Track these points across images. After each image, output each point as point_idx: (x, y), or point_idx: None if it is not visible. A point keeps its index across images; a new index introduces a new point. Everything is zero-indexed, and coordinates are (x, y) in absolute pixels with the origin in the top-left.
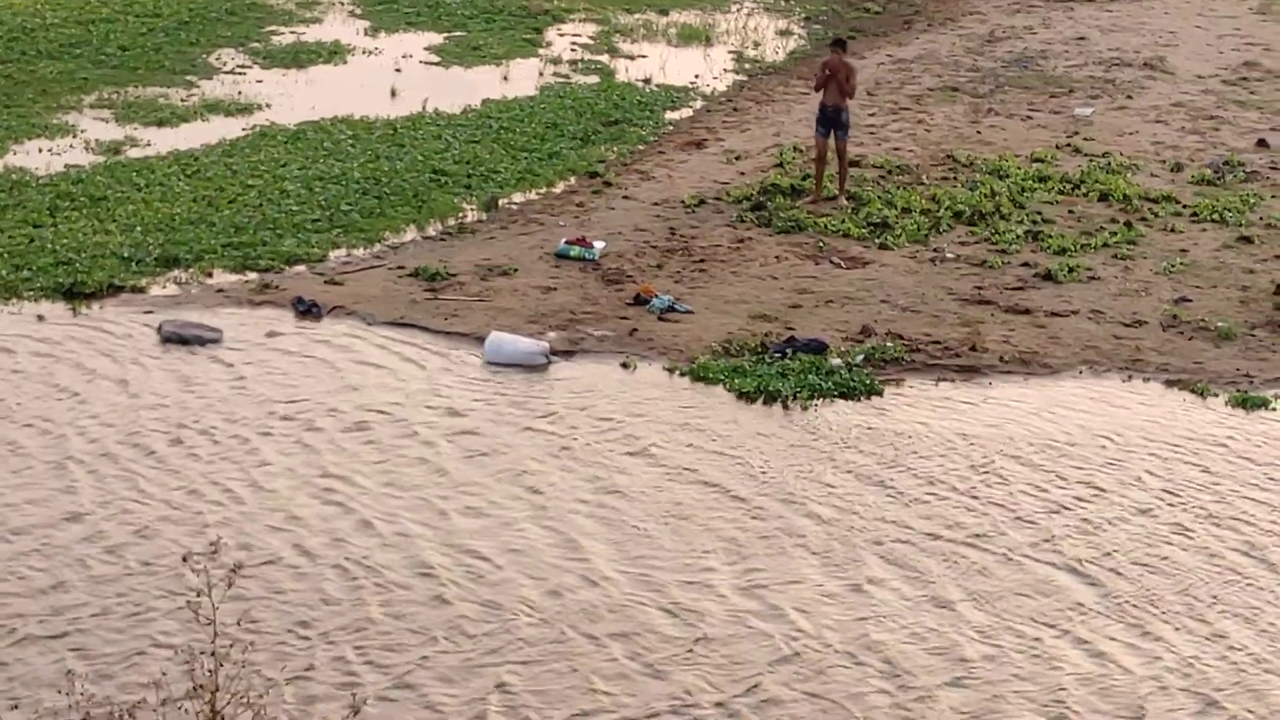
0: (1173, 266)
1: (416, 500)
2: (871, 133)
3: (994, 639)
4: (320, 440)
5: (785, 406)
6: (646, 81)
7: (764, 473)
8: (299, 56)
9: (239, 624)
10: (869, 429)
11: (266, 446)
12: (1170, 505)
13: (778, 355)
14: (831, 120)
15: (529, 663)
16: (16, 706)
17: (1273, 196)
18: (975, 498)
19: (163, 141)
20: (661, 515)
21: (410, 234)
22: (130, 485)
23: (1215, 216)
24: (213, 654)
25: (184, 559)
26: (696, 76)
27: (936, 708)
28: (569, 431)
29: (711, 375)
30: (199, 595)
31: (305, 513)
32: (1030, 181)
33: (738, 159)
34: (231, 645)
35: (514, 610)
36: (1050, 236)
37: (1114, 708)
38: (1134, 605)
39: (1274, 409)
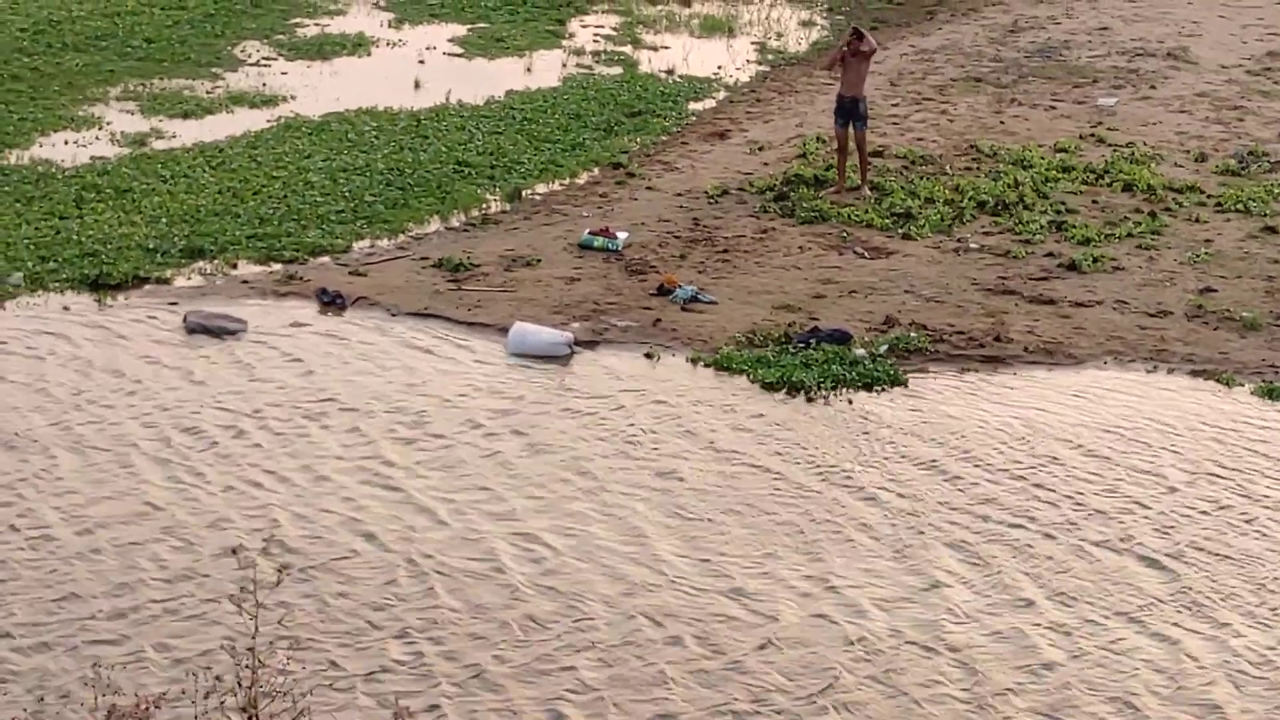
0: (1197, 257)
1: (465, 490)
2: (895, 123)
3: (1071, 633)
4: (359, 430)
5: (810, 397)
6: (669, 72)
7: (831, 464)
8: (323, 48)
9: (280, 622)
10: (922, 419)
11: (310, 436)
12: (1242, 495)
13: (801, 345)
14: (849, 111)
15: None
16: (42, 699)
17: None
18: (1039, 486)
19: (188, 133)
20: (726, 506)
21: (434, 225)
22: (172, 478)
23: (1240, 207)
24: (252, 649)
25: (233, 551)
26: (719, 67)
27: (1014, 704)
28: (620, 421)
29: (735, 365)
30: (243, 590)
31: (362, 504)
32: (1054, 172)
33: (761, 149)
34: (272, 642)
35: (587, 604)
36: (1074, 227)
37: (1184, 705)
38: (1209, 597)
39: None
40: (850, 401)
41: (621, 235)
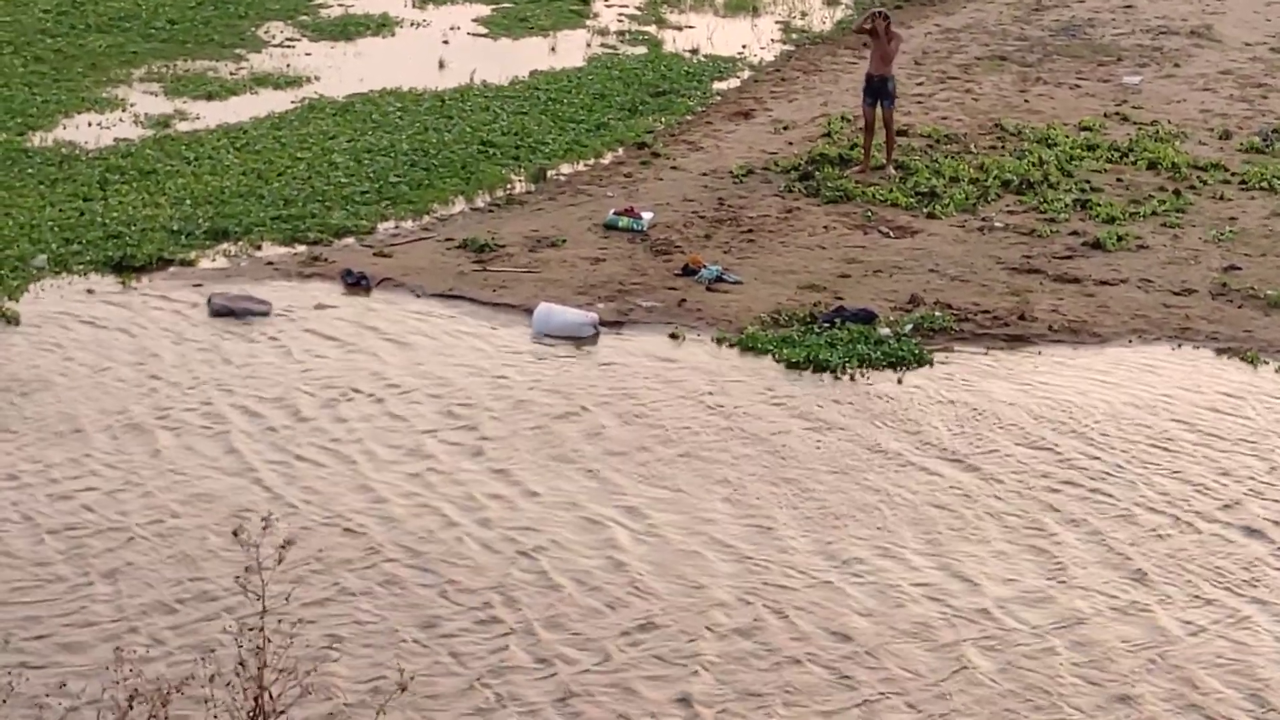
0: (1222, 234)
1: (526, 475)
2: (919, 102)
3: (1188, 609)
4: (391, 411)
5: (836, 376)
6: (694, 52)
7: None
8: (347, 29)
9: (287, 599)
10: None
11: (340, 418)
12: None
13: (826, 325)
14: (877, 90)
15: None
16: (64, 684)
17: None
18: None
19: (211, 115)
20: (822, 482)
21: (458, 205)
22: (202, 462)
23: (1264, 184)
24: (261, 629)
25: (234, 533)
26: (744, 47)
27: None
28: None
29: (760, 345)
30: (249, 570)
31: (411, 489)
32: (1078, 150)
33: (785, 129)
34: (281, 621)
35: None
36: (1099, 205)
37: None
38: None
39: None
40: (900, 380)
41: (646, 215)
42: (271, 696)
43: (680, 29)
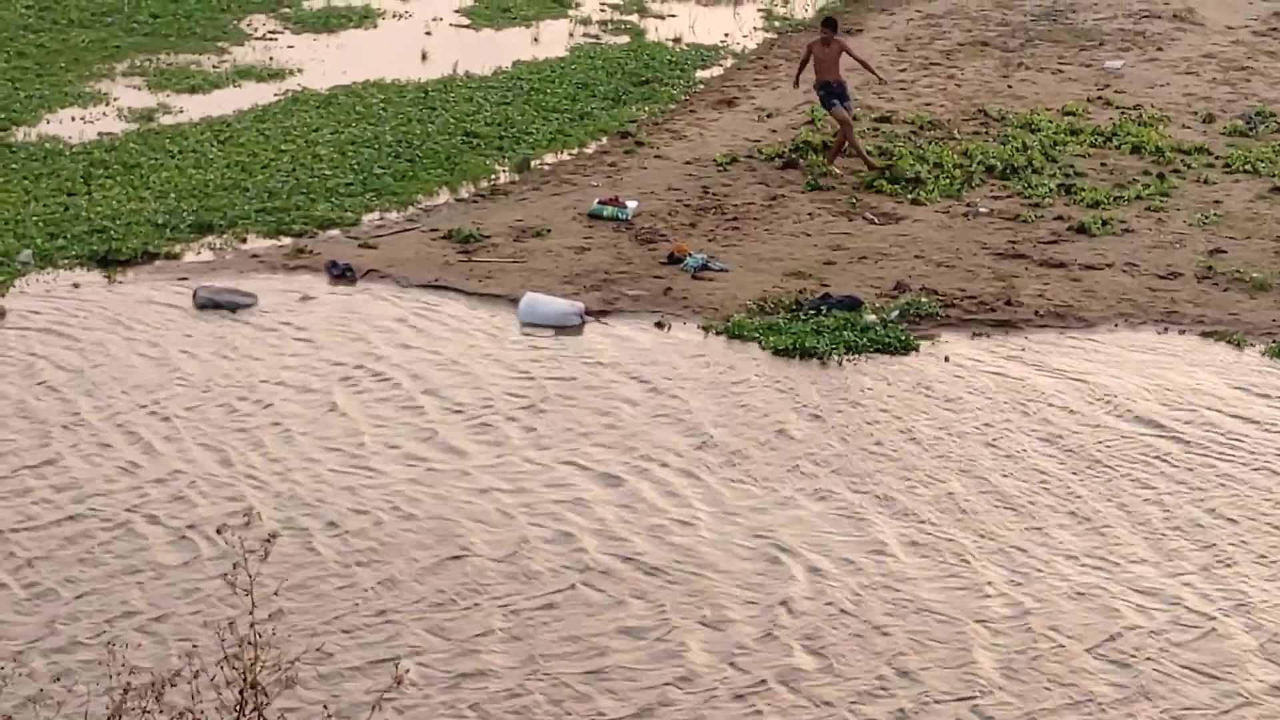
0: (1206, 218)
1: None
2: (902, 88)
3: None
4: (390, 400)
5: (823, 363)
6: (677, 40)
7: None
8: (330, 21)
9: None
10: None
11: (341, 409)
12: None
13: (812, 312)
14: (837, 93)
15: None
16: (58, 679)
17: None
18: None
19: (195, 108)
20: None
21: (443, 196)
22: (192, 454)
23: (1248, 167)
24: (251, 625)
25: (218, 530)
26: (726, 35)
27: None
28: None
29: (747, 333)
30: (236, 565)
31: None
32: (1062, 135)
33: (769, 116)
34: (270, 616)
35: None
36: (1083, 190)
37: None
38: None
39: None
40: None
41: (631, 204)
42: None
43: (663, 18)
